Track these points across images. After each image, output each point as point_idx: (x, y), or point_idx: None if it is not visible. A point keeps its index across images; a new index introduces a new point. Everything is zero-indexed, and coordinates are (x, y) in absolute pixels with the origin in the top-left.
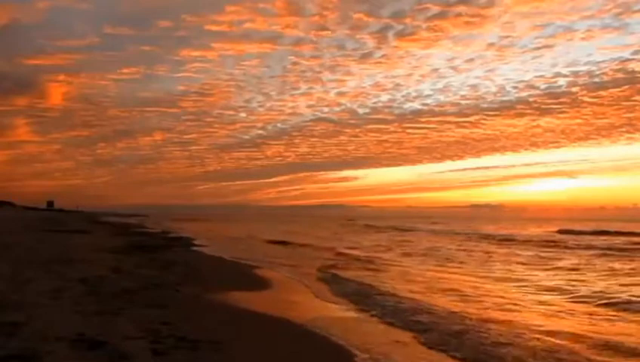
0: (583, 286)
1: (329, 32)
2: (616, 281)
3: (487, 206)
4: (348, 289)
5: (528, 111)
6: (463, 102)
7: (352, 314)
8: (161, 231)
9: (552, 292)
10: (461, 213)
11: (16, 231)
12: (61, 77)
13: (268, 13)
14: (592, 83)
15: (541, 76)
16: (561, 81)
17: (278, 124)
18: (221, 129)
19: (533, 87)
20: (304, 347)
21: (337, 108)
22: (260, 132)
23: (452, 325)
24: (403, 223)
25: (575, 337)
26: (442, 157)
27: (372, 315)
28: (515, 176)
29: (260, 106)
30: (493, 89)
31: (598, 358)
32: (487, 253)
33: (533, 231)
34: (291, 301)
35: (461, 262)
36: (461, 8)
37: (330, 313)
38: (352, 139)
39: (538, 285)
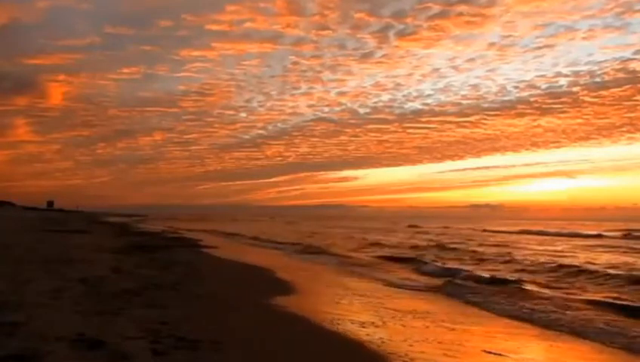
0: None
1: (330, 32)
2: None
3: (488, 206)
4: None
5: (529, 111)
6: (463, 101)
7: None
8: (162, 231)
9: None
10: (461, 213)
11: (17, 231)
12: (61, 77)
13: (268, 13)
14: (593, 83)
15: (542, 76)
16: (562, 81)
17: (279, 124)
18: (221, 129)
19: (534, 86)
20: (306, 344)
21: (338, 108)
22: (261, 132)
23: None
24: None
25: None
26: (443, 157)
27: None
28: (515, 176)
29: (261, 106)
30: (494, 89)
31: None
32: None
33: (459, 229)
34: (294, 300)
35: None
36: (462, 8)
37: (350, 315)
38: (353, 139)
39: None
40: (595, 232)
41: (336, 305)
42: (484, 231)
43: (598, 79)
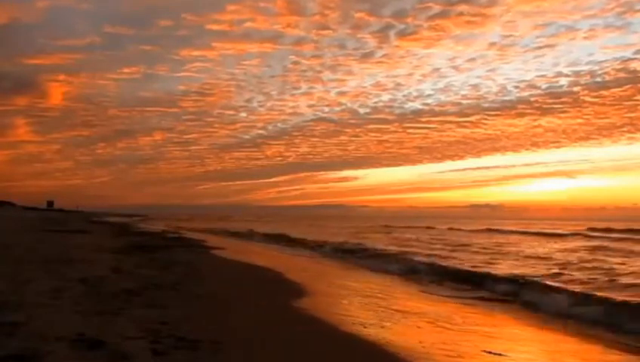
0: None
1: (330, 32)
2: None
3: (488, 206)
4: None
5: (529, 111)
6: (464, 101)
7: None
8: (162, 231)
9: None
10: (461, 213)
11: (17, 231)
12: (61, 77)
13: (269, 13)
14: (593, 83)
15: (542, 76)
16: (563, 81)
17: (279, 124)
18: (221, 129)
19: (534, 86)
20: (307, 344)
21: (338, 108)
22: (261, 132)
23: None
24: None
25: None
26: (443, 157)
27: None
28: (515, 176)
29: (261, 106)
30: (495, 89)
31: None
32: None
33: (430, 228)
34: (295, 300)
35: None
36: (463, 7)
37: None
38: (353, 139)
39: None
40: (562, 231)
41: (336, 304)
42: (450, 229)
43: (598, 79)
